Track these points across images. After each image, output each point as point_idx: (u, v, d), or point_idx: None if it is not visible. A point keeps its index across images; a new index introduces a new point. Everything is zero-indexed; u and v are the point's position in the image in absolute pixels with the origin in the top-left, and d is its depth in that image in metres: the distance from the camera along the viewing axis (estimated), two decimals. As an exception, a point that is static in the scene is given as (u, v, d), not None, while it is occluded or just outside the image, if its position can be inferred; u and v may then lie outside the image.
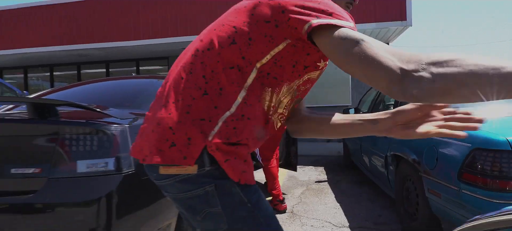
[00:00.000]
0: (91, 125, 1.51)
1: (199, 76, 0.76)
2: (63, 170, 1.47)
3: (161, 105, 0.79)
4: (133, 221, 1.58)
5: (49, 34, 7.99)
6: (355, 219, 2.92)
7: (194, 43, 0.83)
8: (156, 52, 8.45)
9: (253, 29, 0.75)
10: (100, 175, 1.49)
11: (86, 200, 1.46)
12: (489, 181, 1.66)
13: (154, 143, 0.76)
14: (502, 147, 1.65)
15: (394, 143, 2.76)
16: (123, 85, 2.44)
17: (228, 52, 0.75)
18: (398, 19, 6.39)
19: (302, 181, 4.39)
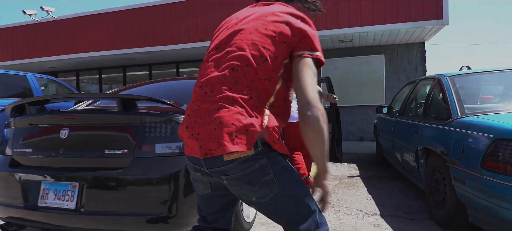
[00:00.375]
0: (166, 115, 1.90)
1: (244, 86, 1.05)
2: (145, 151, 1.86)
3: (216, 108, 1.03)
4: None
5: (99, 41, 8.77)
6: (385, 209, 3.12)
7: (230, 57, 1.09)
8: (194, 55, 8.97)
9: (277, 48, 1.08)
10: (173, 155, 1.87)
11: (162, 174, 1.84)
12: (509, 168, 1.84)
13: (219, 138, 1.01)
14: (521, 137, 1.83)
15: (424, 137, 2.94)
16: (183, 84, 2.87)
17: (263, 68, 1.06)
18: (434, 18, 6.38)
19: (335, 175, 4.61)
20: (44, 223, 1.97)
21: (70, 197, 1.88)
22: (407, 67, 8.00)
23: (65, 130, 1.96)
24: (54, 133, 1.99)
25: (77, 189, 1.87)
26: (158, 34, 8.16)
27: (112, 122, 1.94)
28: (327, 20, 6.87)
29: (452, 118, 2.53)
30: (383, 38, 7.39)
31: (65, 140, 1.95)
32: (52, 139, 2.01)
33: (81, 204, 1.85)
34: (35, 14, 8.93)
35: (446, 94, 2.78)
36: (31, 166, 2.10)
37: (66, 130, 1.95)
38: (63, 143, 1.96)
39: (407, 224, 2.71)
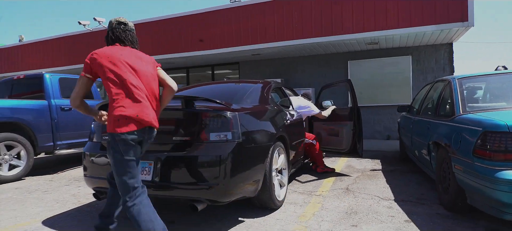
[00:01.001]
0: (218, 112, 2.51)
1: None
2: (202, 138, 2.48)
3: (150, 102, 2.05)
4: (239, 172, 2.53)
5: (143, 47, 9.67)
6: (400, 195, 3.55)
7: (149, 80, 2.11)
8: (228, 59, 9.66)
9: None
10: (223, 142, 2.47)
11: (214, 156, 2.44)
12: (492, 154, 2.26)
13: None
14: (503, 129, 2.24)
15: (434, 133, 3.34)
16: (228, 86, 3.50)
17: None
18: (460, 20, 6.57)
19: (358, 169, 5.05)
20: None
21: (147, 172, 2.53)
22: (434, 68, 8.17)
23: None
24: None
25: (152, 166, 2.53)
26: (195, 40, 8.91)
27: (178, 116, 2.59)
28: (353, 24, 7.25)
29: (455, 115, 2.94)
30: (409, 40, 7.64)
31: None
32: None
33: (155, 176, 2.50)
34: (88, 24, 10.04)
35: (452, 95, 3.18)
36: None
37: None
38: (142, 132, 2.63)
39: (417, 207, 3.14)
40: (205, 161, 2.44)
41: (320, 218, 2.90)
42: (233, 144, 2.47)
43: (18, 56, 12.12)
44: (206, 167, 2.44)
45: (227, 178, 2.43)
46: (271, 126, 3.14)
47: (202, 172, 2.43)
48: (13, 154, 4.95)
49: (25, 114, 5.12)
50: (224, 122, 2.49)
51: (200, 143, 2.48)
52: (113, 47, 2.12)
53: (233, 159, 2.45)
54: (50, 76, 5.69)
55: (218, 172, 2.42)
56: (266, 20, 7.99)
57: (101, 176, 2.76)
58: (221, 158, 2.42)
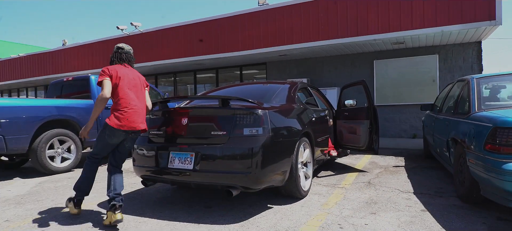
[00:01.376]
0: (251, 109, 2.87)
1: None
2: (237, 133, 2.85)
3: (141, 106, 2.97)
4: (269, 163, 2.88)
5: (175, 50, 10.28)
6: (419, 188, 3.76)
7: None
8: (255, 59, 10.03)
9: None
10: (254, 136, 2.83)
11: (247, 148, 2.79)
12: (501, 148, 2.46)
13: (143, 119, 2.91)
14: (510, 125, 2.43)
15: (452, 130, 3.53)
16: (259, 87, 3.88)
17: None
18: (487, 19, 6.55)
19: (382, 165, 5.25)
20: (172, 179, 3.07)
21: (189, 162, 2.94)
22: (462, 66, 8.12)
23: (185, 119, 3.05)
24: (178, 120, 3.09)
25: (193, 157, 2.93)
26: (223, 43, 9.36)
27: (216, 114, 2.98)
28: (378, 24, 7.39)
29: (471, 112, 3.13)
30: (436, 39, 7.66)
31: (185, 125, 3.04)
32: (177, 124, 3.11)
33: (196, 165, 2.90)
34: (125, 28, 10.77)
35: (470, 93, 3.35)
36: (162, 142, 3.22)
37: (186, 119, 3.04)
38: (184, 127, 3.05)
39: (434, 199, 3.35)
40: (239, 152, 2.81)
41: (341, 206, 3.19)
42: (263, 138, 2.83)
43: (61, 59, 13.16)
44: (240, 158, 2.80)
45: (258, 168, 2.78)
46: (297, 122, 3.46)
47: (237, 162, 2.80)
48: (64, 148, 5.57)
49: (74, 112, 5.74)
50: (256, 118, 2.85)
51: (235, 136, 2.85)
52: (120, 66, 3.01)
53: (264, 151, 2.80)
54: (95, 78, 6.30)
55: (250, 162, 2.77)
56: (293, 22, 8.29)
57: (148, 166, 3.20)
58: (253, 151, 2.77)
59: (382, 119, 8.92)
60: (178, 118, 3.12)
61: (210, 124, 2.98)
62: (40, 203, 3.59)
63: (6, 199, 3.82)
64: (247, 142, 2.82)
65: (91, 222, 2.89)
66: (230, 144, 2.84)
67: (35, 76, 14.23)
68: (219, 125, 2.93)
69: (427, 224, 2.66)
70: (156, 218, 2.95)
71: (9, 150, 4.84)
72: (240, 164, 2.79)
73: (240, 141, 2.83)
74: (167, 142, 3.19)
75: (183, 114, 3.11)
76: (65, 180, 4.83)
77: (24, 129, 4.98)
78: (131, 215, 3.05)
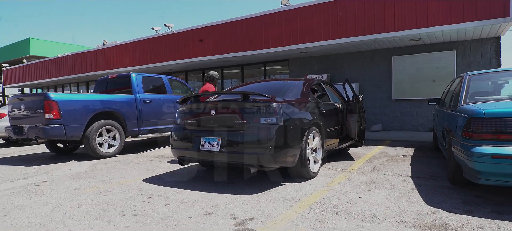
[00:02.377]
0: (266, 102, 3.51)
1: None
2: (255, 122, 3.50)
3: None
4: (282, 147, 3.51)
5: (203, 48, 11.07)
6: (417, 173, 4.24)
7: None
8: (278, 56, 10.62)
9: None
10: (270, 124, 3.47)
11: (264, 134, 3.44)
12: (473, 135, 2.94)
13: None
14: (480, 116, 2.91)
15: (446, 121, 3.98)
16: (276, 84, 4.53)
17: None
18: (501, 16, 6.72)
19: (391, 155, 5.71)
20: (203, 159, 3.78)
21: (216, 144, 3.63)
22: (480, 62, 8.27)
23: (213, 110, 3.74)
24: (207, 111, 3.79)
25: (220, 141, 3.62)
26: (249, 41, 10.02)
27: (238, 106, 3.64)
28: (395, 22, 7.74)
29: (458, 105, 3.58)
30: (452, 36, 7.88)
31: (213, 115, 3.73)
32: (206, 115, 3.81)
33: (222, 148, 3.58)
34: (159, 29, 11.71)
35: (461, 88, 3.79)
36: (194, 129, 3.94)
37: (214, 110, 3.73)
38: (213, 117, 3.74)
39: (427, 181, 3.84)
40: (256, 138, 3.46)
41: (343, 185, 3.76)
42: (276, 126, 3.46)
43: (102, 58, 14.41)
44: (257, 142, 3.45)
45: (272, 150, 3.42)
46: (307, 114, 4.06)
47: (254, 145, 3.45)
48: (110, 136, 6.49)
49: (118, 106, 6.64)
50: (270, 110, 3.49)
51: (253, 125, 3.50)
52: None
53: (276, 137, 3.44)
54: (135, 76, 7.19)
55: (265, 146, 3.42)
56: (313, 21, 8.79)
57: (183, 148, 3.94)
58: (268, 136, 3.42)
59: (400, 113, 9.24)
60: (208, 109, 3.83)
61: (233, 114, 3.65)
62: (97, 178, 4.45)
63: (70, 175, 4.72)
64: (263, 129, 3.46)
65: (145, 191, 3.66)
66: (249, 130, 3.50)
67: (78, 73, 15.64)
68: (240, 115, 3.60)
69: (412, 199, 3.18)
70: (189, 190, 3.67)
71: (68, 137, 5.80)
72: (257, 146, 3.44)
73: (257, 128, 3.48)
74: (198, 129, 3.91)
75: (212, 107, 3.80)
76: (113, 162, 5.72)
77: (79, 119, 5.92)
78: (170, 188, 3.80)
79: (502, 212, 2.75)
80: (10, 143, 9.47)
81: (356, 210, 2.86)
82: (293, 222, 2.58)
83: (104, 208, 3.06)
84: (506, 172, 2.73)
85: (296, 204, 3.04)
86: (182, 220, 2.68)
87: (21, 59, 20.04)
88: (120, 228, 2.54)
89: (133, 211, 2.93)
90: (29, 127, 5.92)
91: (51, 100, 5.66)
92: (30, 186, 4.07)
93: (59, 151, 6.99)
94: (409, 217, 2.68)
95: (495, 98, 3.59)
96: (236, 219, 2.68)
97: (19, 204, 3.29)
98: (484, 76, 4.03)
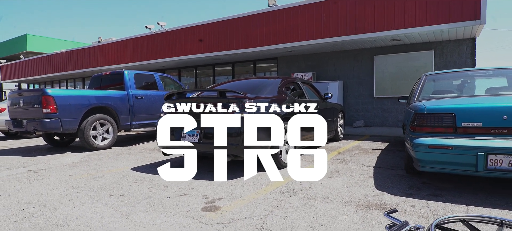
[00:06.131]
0: (239, 99, 3.94)
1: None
2: (228, 115, 3.93)
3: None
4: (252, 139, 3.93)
5: (195, 46, 11.46)
6: (380, 164, 4.69)
7: None
8: (267, 55, 11.03)
9: None
10: (241, 118, 3.89)
11: (235, 127, 3.86)
12: (416, 128, 3.39)
13: None
14: (422, 111, 3.35)
15: (404, 117, 4.42)
16: (254, 82, 4.95)
17: None
18: (472, 19, 7.16)
19: (364, 148, 6.16)
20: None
21: (196, 136, 4.06)
22: (457, 61, 8.73)
23: (194, 105, 4.16)
24: (189, 106, 4.21)
25: (199, 133, 4.04)
26: (239, 40, 10.42)
27: (215, 102, 4.07)
28: (375, 23, 8.17)
29: (411, 102, 4.03)
30: (430, 36, 8.32)
31: (191, 113, 4.16)
32: (187, 109, 4.23)
33: (201, 140, 4.01)
34: (152, 27, 12.08)
35: (416, 87, 4.24)
36: (177, 123, 4.35)
37: (194, 105, 4.15)
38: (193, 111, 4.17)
39: (385, 170, 4.29)
40: (230, 131, 3.88)
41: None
42: (250, 119, 3.88)
43: (98, 54, 14.76)
44: (230, 133, 3.88)
45: (243, 142, 3.85)
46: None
47: (228, 137, 3.87)
48: (104, 130, 6.90)
49: (111, 101, 7.04)
50: (241, 105, 3.91)
51: (227, 118, 3.93)
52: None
53: (249, 129, 3.86)
54: (128, 73, 7.59)
55: (237, 138, 3.85)
56: (299, 21, 9.21)
57: (167, 140, 4.35)
58: (240, 129, 3.84)
59: (381, 110, 9.70)
60: (189, 104, 4.24)
61: (211, 108, 4.08)
62: (90, 166, 4.87)
63: (65, 164, 5.14)
64: (235, 121, 3.89)
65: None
66: (223, 123, 3.92)
67: (74, 70, 15.99)
68: (216, 109, 4.02)
69: (365, 184, 3.63)
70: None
71: (64, 130, 6.21)
72: (230, 137, 3.86)
73: (230, 121, 3.91)
74: (181, 123, 4.32)
75: (193, 102, 4.22)
76: (105, 154, 6.14)
77: (74, 113, 6.33)
78: (155, 175, 4.22)
79: (438, 195, 3.20)
80: (10, 135, 9.85)
81: (313, 193, 3.31)
82: (255, 201, 3.02)
83: (95, 190, 3.49)
84: (440, 160, 3.18)
85: (262, 188, 3.48)
86: (161, 199, 3.12)
87: (19, 55, 20.33)
88: (108, 205, 2.97)
89: (120, 192, 3.37)
90: (27, 120, 6.32)
91: (48, 95, 6.06)
92: (30, 173, 4.49)
93: (56, 143, 7.40)
94: (356, 198, 3.12)
95: (446, 96, 4.03)
96: (207, 198, 3.12)
97: (20, 187, 3.72)
98: (442, 76, 4.47)
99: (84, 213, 2.77)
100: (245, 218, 2.58)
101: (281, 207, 2.85)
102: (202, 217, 2.62)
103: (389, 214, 1.40)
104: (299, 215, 2.63)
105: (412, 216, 2.63)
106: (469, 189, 3.34)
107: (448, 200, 3.03)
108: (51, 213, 2.81)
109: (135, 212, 2.76)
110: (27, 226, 2.53)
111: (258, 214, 2.66)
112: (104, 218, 2.63)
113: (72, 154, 6.26)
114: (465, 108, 3.15)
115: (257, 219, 2.56)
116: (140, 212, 2.76)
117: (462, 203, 2.92)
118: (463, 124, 3.12)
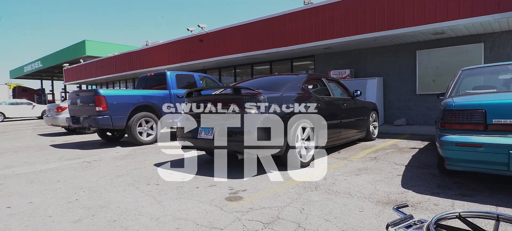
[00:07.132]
0: (254, 96, 4.03)
1: None
2: (242, 113, 4.06)
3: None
4: (264, 136, 4.05)
5: (234, 46, 11.82)
6: (413, 163, 4.57)
7: None
8: (304, 53, 11.05)
9: None
10: (256, 115, 4.00)
11: (249, 125, 3.99)
12: (445, 125, 3.30)
13: None
14: (451, 108, 3.26)
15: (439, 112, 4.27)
16: (274, 79, 5.08)
17: None
18: (527, 7, 6.60)
19: (400, 147, 6.00)
20: (200, 146, 4.41)
21: (210, 133, 4.22)
22: (510, 54, 8.06)
23: (210, 103, 4.33)
24: (206, 104, 4.38)
25: (214, 130, 4.19)
26: (276, 38, 10.57)
27: (230, 98, 4.18)
28: (414, 16, 7.83)
29: (444, 98, 3.90)
30: (478, 28, 7.79)
31: (209, 107, 4.38)
32: (204, 107, 4.45)
33: (214, 137, 4.13)
34: (194, 30, 12.68)
35: (451, 83, 4.08)
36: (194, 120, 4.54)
37: (210, 103, 4.31)
38: (209, 109, 4.39)
39: (417, 169, 4.19)
40: (243, 128, 3.86)
41: (337, 170, 4.24)
42: (261, 117, 3.91)
43: (146, 57, 15.81)
44: (243, 131, 3.87)
45: (255, 139, 3.86)
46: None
47: (242, 134, 3.88)
48: (148, 126, 7.47)
49: (155, 100, 7.60)
50: (256, 102, 3.98)
51: (242, 115, 3.97)
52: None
53: (260, 127, 3.83)
54: (170, 73, 8.12)
55: (252, 134, 3.89)
56: (334, 17, 9.12)
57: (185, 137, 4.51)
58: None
59: (425, 107, 9.27)
60: (206, 102, 4.39)
61: (227, 106, 4.16)
62: (135, 159, 5.36)
63: (114, 157, 5.70)
64: (250, 120, 3.94)
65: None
66: (237, 121, 3.97)
67: (125, 71, 17.27)
68: (231, 106, 4.10)
69: (392, 182, 3.61)
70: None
71: (113, 126, 6.85)
72: (245, 135, 3.85)
73: (245, 118, 3.95)
74: (198, 120, 4.45)
75: (209, 100, 4.38)
76: (149, 148, 6.67)
77: (123, 111, 6.95)
78: (187, 168, 4.55)
79: (467, 195, 3.10)
80: (70, 131, 11.00)
81: (335, 188, 3.38)
82: (276, 194, 3.18)
83: (135, 179, 3.89)
84: (468, 159, 3.08)
85: (285, 183, 3.62)
86: (191, 189, 3.40)
87: (78, 59, 22.38)
88: (144, 192, 3.33)
89: (156, 182, 3.73)
90: (83, 117, 7.08)
91: (100, 95, 6.73)
92: (84, 163, 5.09)
93: (108, 139, 8.15)
94: (378, 195, 3.14)
95: (480, 92, 3.85)
96: (232, 189, 3.34)
97: (74, 174, 4.26)
98: (479, 71, 4.25)
99: (124, 198, 3.14)
100: (263, 208, 2.75)
101: (300, 200, 2.97)
102: (225, 206, 2.84)
103: (398, 209, 1.44)
104: (315, 208, 2.74)
105: (431, 213, 2.61)
106: (504, 190, 3.19)
107: (477, 200, 2.93)
108: (98, 196, 3.22)
109: (166, 199, 3.07)
110: (77, 206, 2.95)
111: (276, 205, 2.82)
112: (139, 203, 2.97)
113: (120, 148, 6.88)
114: (497, 104, 3.02)
115: (274, 209, 2.72)
116: (171, 199, 3.06)
117: (491, 204, 2.82)
118: (495, 120, 2.99)
